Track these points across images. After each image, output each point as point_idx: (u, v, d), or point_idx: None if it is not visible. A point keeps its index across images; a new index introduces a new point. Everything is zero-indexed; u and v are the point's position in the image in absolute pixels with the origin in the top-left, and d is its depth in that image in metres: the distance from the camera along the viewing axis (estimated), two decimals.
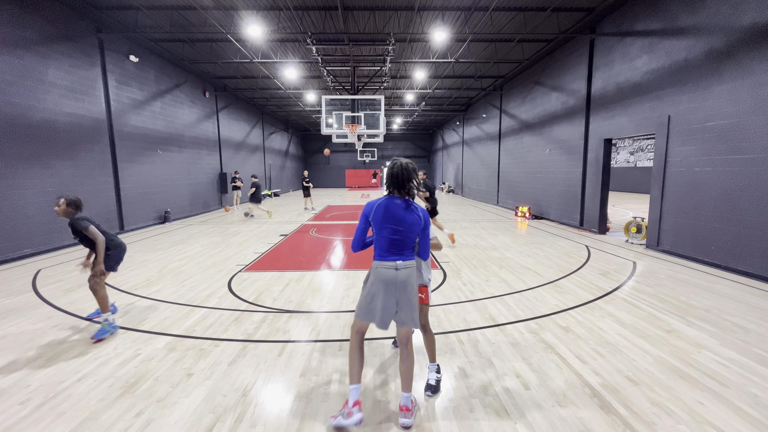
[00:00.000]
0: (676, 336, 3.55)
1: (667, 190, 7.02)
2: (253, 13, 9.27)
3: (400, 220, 2.29)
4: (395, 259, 2.31)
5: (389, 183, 2.38)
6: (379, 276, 2.31)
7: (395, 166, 2.37)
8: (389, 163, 2.45)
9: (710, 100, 6.13)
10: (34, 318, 4.12)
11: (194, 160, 13.65)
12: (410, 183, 2.36)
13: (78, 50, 8.38)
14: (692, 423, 2.32)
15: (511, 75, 14.39)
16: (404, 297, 2.31)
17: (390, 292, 2.29)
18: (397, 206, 2.31)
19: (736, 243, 5.69)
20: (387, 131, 18.58)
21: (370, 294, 2.34)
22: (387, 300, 2.30)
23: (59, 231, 7.78)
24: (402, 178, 2.34)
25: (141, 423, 2.36)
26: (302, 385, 2.77)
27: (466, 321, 3.93)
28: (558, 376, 2.87)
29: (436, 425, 2.32)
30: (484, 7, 8.81)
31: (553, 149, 11.42)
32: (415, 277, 2.39)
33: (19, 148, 6.99)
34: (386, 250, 2.32)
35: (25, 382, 2.84)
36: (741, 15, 5.62)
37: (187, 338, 3.57)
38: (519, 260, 6.61)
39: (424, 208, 2.42)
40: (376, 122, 12.50)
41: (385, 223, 2.30)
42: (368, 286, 2.37)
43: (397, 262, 2.30)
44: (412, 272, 2.36)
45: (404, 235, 2.31)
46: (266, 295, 4.82)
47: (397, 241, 2.31)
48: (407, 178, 2.35)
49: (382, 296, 2.30)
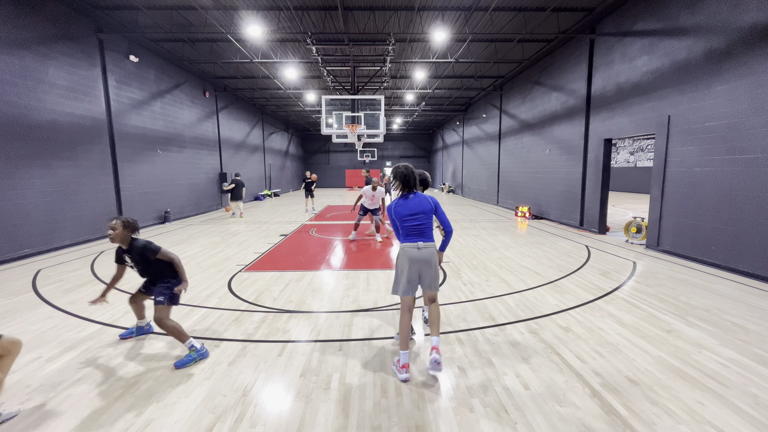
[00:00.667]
0: (676, 336, 3.55)
1: (667, 190, 7.02)
2: (253, 13, 9.27)
3: (416, 211, 2.91)
4: (416, 240, 2.91)
5: (401, 185, 2.96)
6: (405, 255, 2.92)
7: (401, 171, 2.94)
8: (390, 171, 2.81)
9: (710, 100, 6.13)
10: (34, 318, 4.12)
11: (194, 160, 13.65)
12: (415, 180, 2.97)
13: (78, 50, 8.38)
14: (692, 423, 2.32)
15: (511, 75, 14.39)
16: (428, 270, 2.93)
17: (413, 267, 2.90)
18: (411, 200, 2.93)
19: (736, 243, 5.69)
20: (387, 131, 18.59)
21: (398, 271, 2.99)
22: (411, 273, 2.92)
23: (59, 231, 7.78)
24: (409, 179, 2.94)
25: (141, 423, 2.36)
26: (302, 385, 2.77)
27: (466, 321, 3.93)
28: (558, 376, 2.87)
29: (436, 425, 2.32)
30: (484, 7, 8.82)
31: (553, 149, 11.43)
32: (436, 254, 2.99)
33: (19, 148, 6.99)
34: (408, 235, 2.93)
35: (25, 382, 2.84)
36: (741, 15, 5.62)
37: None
38: (519, 260, 6.61)
39: (431, 195, 3.01)
40: (376, 122, 12.50)
41: (406, 215, 2.92)
42: (396, 266, 3.01)
43: (419, 243, 2.90)
44: (434, 251, 2.96)
45: (422, 221, 2.92)
46: (266, 295, 4.82)
47: (416, 227, 2.91)
48: (412, 176, 2.95)
49: (407, 271, 2.91)
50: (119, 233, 3.03)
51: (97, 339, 3.58)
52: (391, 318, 4.02)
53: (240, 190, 12.66)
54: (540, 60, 12.20)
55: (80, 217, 8.37)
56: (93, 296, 4.82)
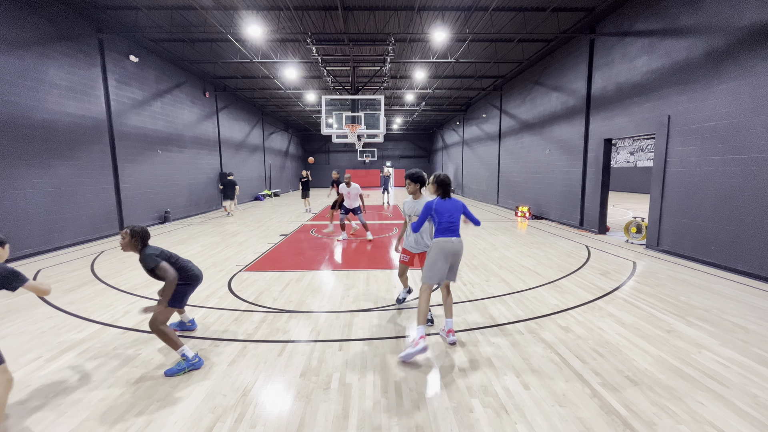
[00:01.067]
0: (676, 336, 3.55)
1: (667, 190, 7.02)
2: (253, 13, 9.27)
3: (452, 211, 3.40)
4: (451, 236, 3.36)
5: (440, 189, 3.45)
6: (441, 248, 3.33)
7: (441, 179, 3.45)
8: (432, 177, 3.48)
9: (710, 100, 6.13)
10: (34, 318, 4.12)
11: (194, 160, 13.65)
12: (451, 185, 3.51)
13: (78, 50, 8.38)
14: (692, 423, 2.32)
15: (511, 75, 14.38)
16: (456, 261, 3.44)
17: (447, 259, 3.35)
18: (448, 202, 3.43)
19: (735, 243, 5.68)
20: (387, 131, 18.59)
21: (432, 261, 3.34)
22: (444, 264, 3.34)
23: (59, 231, 7.78)
24: (447, 185, 3.46)
25: (141, 423, 2.36)
26: (302, 385, 2.77)
27: (466, 321, 3.93)
28: (558, 376, 2.87)
29: (436, 425, 2.32)
30: (484, 7, 8.82)
31: (553, 149, 11.42)
32: (463, 248, 3.46)
33: (19, 148, 6.99)
34: (445, 231, 3.38)
35: (25, 382, 2.84)
36: (741, 15, 5.62)
37: (187, 338, 3.57)
38: (519, 260, 6.61)
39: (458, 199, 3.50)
40: (376, 122, 12.50)
41: (444, 213, 3.38)
42: (430, 257, 3.37)
43: (453, 238, 3.36)
44: (462, 245, 3.45)
45: (455, 220, 3.40)
46: (266, 295, 4.82)
47: (451, 225, 3.38)
48: (450, 183, 3.48)
49: (441, 262, 3.32)
50: (127, 242, 3.02)
51: (97, 339, 3.58)
52: (391, 318, 4.02)
53: (231, 189, 13.08)
54: (540, 60, 12.19)
55: (80, 217, 8.37)
56: (93, 296, 4.85)
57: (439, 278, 3.32)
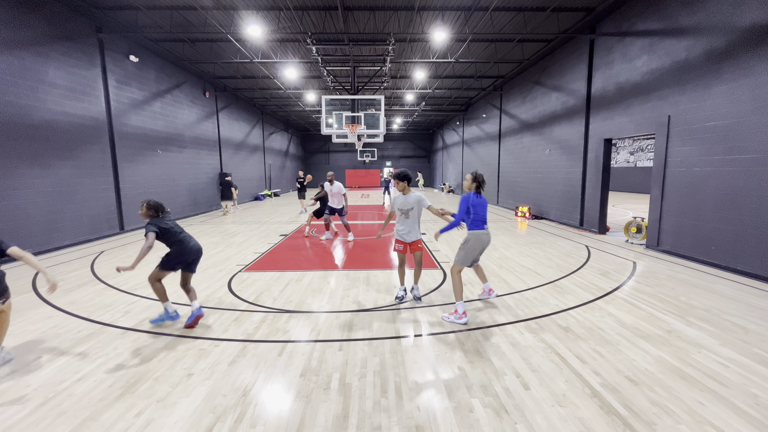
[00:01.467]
0: (676, 336, 3.55)
1: (667, 190, 7.02)
2: (253, 13, 9.27)
3: (484, 206, 3.99)
4: (484, 227, 3.97)
5: (478, 185, 4.00)
6: (480, 238, 3.98)
7: (479, 176, 4.01)
8: (468, 175, 4.02)
9: (710, 100, 6.13)
10: (34, 318, 4.12)
11: (194, 160, 13.65)
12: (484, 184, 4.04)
13: (78, 50, 8.38)
14: (692, 423, 2.32)
15: (511, 75, 14.38)
16: (486, 247, 4.07)
17: (481, 246, 4.01)
18: (481, 197, 4.01)
19: (736, 243, 5.69)
20: (387, 131, 18.59)
21: (471, 248, 3.98)
22: (479, 252, 4.06)
23: (59, 231, 7.78)
24: (482, 182, 4.01)
25: (141, 423, 2.36)
26: (302, 385, 2.77)
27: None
28: (558, 376, 2.87)
29: (436, 426, 2.32)
30: (484, 7, 8.82)
31: (553, 149, 11.42)
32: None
33: (19, 148, 6.99)
34: (481, 223, 3.96)
35: (25, 382, 2.84)
36: (741, 15, 5.62)
37: (187, 338, 3.57)
38: (519, 260, 6.61)
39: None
40: (376, 122, 12.50)
41: (480, 206, 3.95)
42: (469, 245, 3.97)
43: (488, 229, 4.02)
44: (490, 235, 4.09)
45: (485, 212, 4.00)
46: (266, 295, 4.82)
47: (483, 217, 3.96)
48: (484, 182, 4.03)
49: (478, 250, 4.03)
50: (144, 212, 3.68)
51: (97, 339, 3.58)
52: (391, 318, 4.02)
53: (228, 190, 13.36)
54: (540, 60, 12.19)
55: (80, 217, 8.37)
56: (93, 296, 4.85)
57: (471, 261, 4.07)
